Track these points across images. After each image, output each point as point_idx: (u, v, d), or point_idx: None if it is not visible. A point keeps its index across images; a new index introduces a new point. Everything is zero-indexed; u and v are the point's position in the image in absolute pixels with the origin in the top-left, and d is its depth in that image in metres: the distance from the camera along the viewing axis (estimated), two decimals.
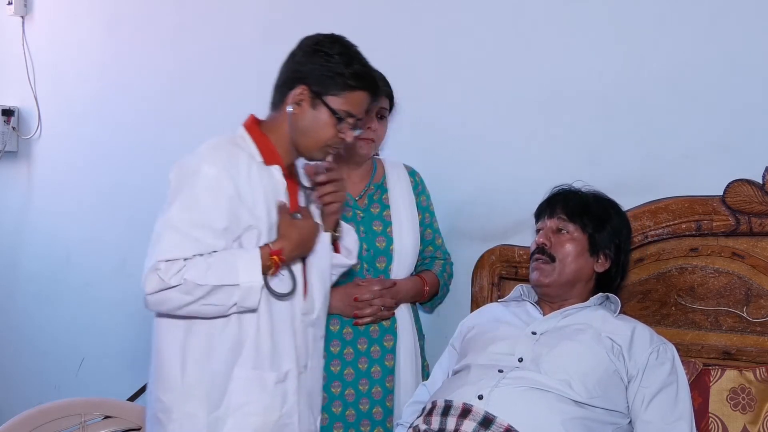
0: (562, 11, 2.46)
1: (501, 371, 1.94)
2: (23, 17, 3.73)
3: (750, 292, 2.14)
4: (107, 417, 2.45)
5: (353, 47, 1.89)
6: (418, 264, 2.44)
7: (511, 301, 2.21)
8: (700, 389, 2.05)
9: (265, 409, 1.84)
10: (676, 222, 2.21)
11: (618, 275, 2.15)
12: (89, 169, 3.57)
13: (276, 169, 1.88)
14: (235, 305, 1.77)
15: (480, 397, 1.89)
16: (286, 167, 1.91)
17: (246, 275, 1.75)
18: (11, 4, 3.71)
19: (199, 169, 1.78)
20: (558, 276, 2.08)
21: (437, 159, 2.64)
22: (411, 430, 1.97)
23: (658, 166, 2.30)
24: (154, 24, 3.40)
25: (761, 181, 2.11)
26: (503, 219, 2.55)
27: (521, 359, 1.96)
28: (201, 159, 1.80)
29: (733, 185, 2.13)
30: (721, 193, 2.15)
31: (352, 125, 1.88)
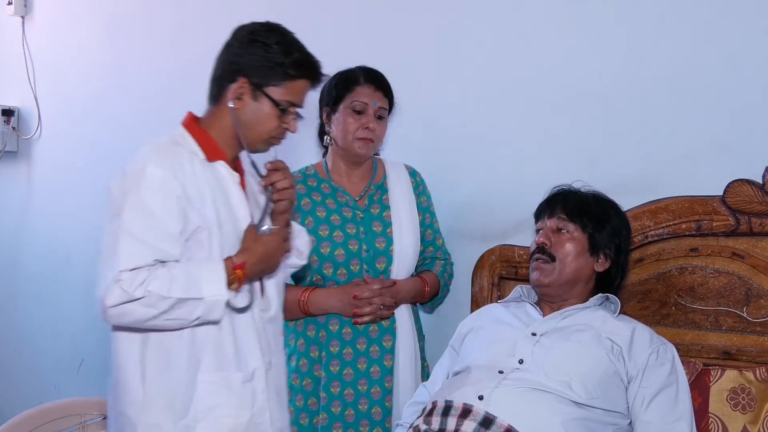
0: (562, 11, 2.46)
1: (501, 372, 1.94)
2: (23, 17, 3.73)
3: (750, 292, 2.14)
4: (107, 417, 2.44)
5: (291, 35, 1.85)
6: (418, 264, 2.44)
7: (511, 302, 2.21)
8: (700, 389, 2.05)
9: (236, 410, 1.80)
10: (676, 222, 2.21)
11: (618, 275, 2.14)
12: (89, 169, 3.56)
13: (221, 165, 1.83)
14: (198, 319, 1.72)
15: (480, 398, 1.88)
16: (230, 161, 1.86)
17: (210, 289, 1.70)
18: (11, 4, 3.71)
19: (144, 172, 1.72)
20: (558, 275, 2.08)
21: (437, 159, 2.64)
22: (411, 430, 1.97)
23: (658, 166, 2.30)
24: (154, 24, 3.40)
25: (761, 181, 2.11)
26: (503, 219, 2.55)
27: (521, 361, 1.96)
28: (144, 162, 1.73)
29: (733, 185, 2.13)
30: (721, 193, 2.15)
31: (295, 115, 1.83)
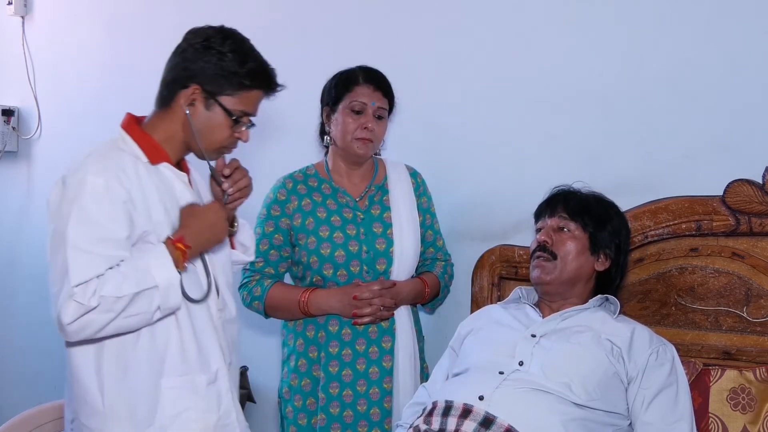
0: (562, 11, 2.46)
1: (502, 373, 1.94)
2: (23, 17, 3.73)
3: (750, 292, 2.14)
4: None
5: (246, 42, 1.81)
6: (418, 265, 2.44)
7: (511, 304, 2.20)
8: (700, 389, 2.05)
9: (203, 413, 1.78)
10: (676, 222, 2.21)
11: (617, 276, 2.14)
12: None
13: (165, 167, 1.79)
14: (159, 309, 1.69)
15: (481, 398, 1.88)
16: (174, 164, 1.82)
17: (161, 273, 1.66)
18: (11, 4, 3.70)
19: (85, 182, 1.66)
20: (559, 274, 2.08)
21: (437, 159, 2.64)
22: (411, 430, 1.97)
23: (658, 166, 2.30)
24: (154, 24, 3.39)
25: (761, 181, 2.11)
26: (503, 219, 2.55)
27: (521, 363, 1.96)
28: (84, 171, 1.68)
29: (733, 185, 2.13)
30: (721, 193, 2.15)
31: (247, 124, 1.81)
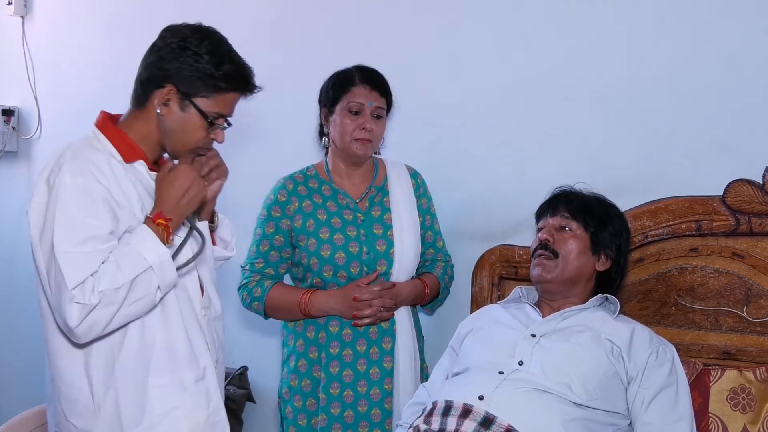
0: (562, 11, 2.46)
1: (501, 373, 1.94)
2: (23, 17, 3.73)
3: (750, 292, 2.14)
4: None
5: (224, 43, 1.80)
6: (418, 266, 2.43)
7: (511, 303, 2.21)
8: (700, 389, 2.05)
9: (192, 411, 1.76)
10: (676, 222, 2.21)
11: (617, 277, 2.15)
12: None
13: (140, 165, 1.78)
14: (159, 289, 1.68)
15: (481, 398, 1.88)
16: (151, 162, 1.80)
17: (150, 253, 1.65)
18: (11, 4, 3.71)
19: (64, 183, 1.65)
20: (560, 272, 2.08)
21: (437, 159, 2.64)
22: (411, 430, 1.97)
23: (658, 166, 2.30)
24: (154, 24, 3.35)
25: (761, 181, 2.11)
26: (503, 219, 2.55)
27: (521, 362, 1.96)
28: (61, 172, 1.66)
29: (733, 185, 2.13)
30: (721, 193, 2.15)
31: (222, 126, 1.79)
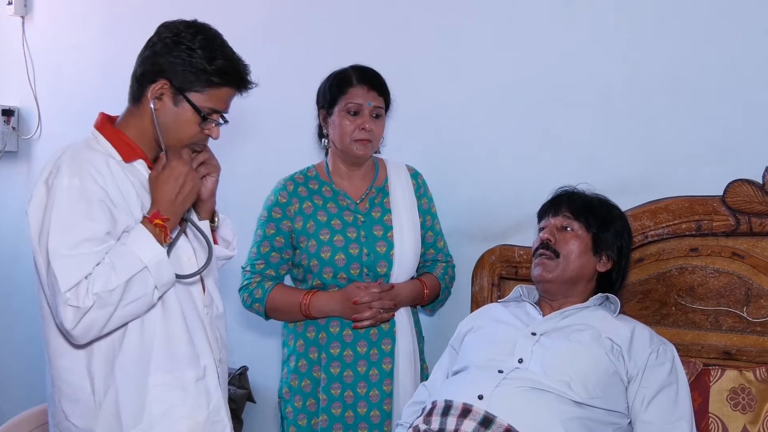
0: (562, 11, 2.46)
1: (501, 372, 1.94)
2: (23, 17, 3.73)
3: (750, 292, 2.14)
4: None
5: (217, 39, 1.79)
6: (419, 266, 2.44)
7: (511, 302, 2.21)
8: (700, 389, 2.05)
9: (192, 411, 1.77)
10: (676, 222, 2.21)
11: (618, 278, 2.15)
12: None
13: (140, 164, 1.78)
14: (156, 288, 1.67)
15: (480, 397, 1.89)
16: (151, 160, 1.80)
17: (146, 253, 1.65)
18: (11, 4, 3.71)
19: (61, 185, 1.66)
20: (562, 272, 2.08)
21: (437, 159, 2.64)
22: (411, 430, 1.97)
23: (658, 166, 2.31)
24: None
25: (761, 181, 2.11)
26: (503, 219, 2.55)
27: (521, 360, 1.96)
28: (59, 174, 1.67)
29: (733, 185, 2.13)
30: (721, 193, 2.15)
31: (217, 121, 1.78)
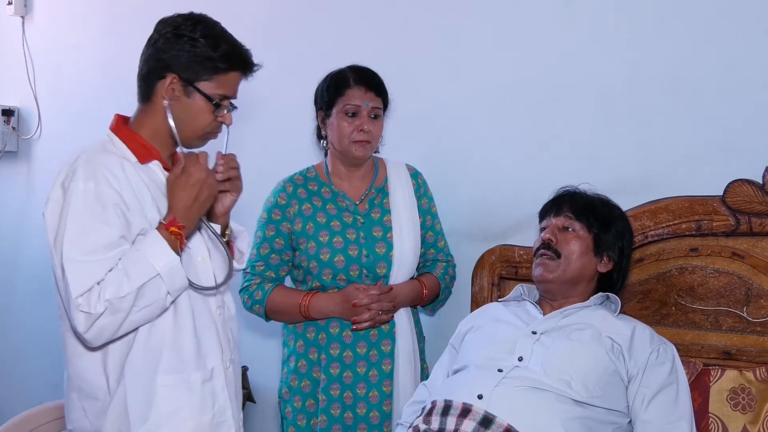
0: (562, 12, 2.46)
1: (501, 371, 1.94)
2: (23, 17, 3.73)
3: (750, 292, 2.14)
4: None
5: (217, 26, 1.81)
6: (419, 266, 2.43)
7: (512, 301, 2.21)
8: (700, 389, 2.05)
9: (197, 411, 1.78)
10: (676, 222, 2.21)
11: (619, 279, 2.15)
12: None
13: (155, 165, 1.80)
14: (169, 294, 1.69)
15: (480, 397, 1.89)
16: (166, 159, 1.83)
17: (159, 261, 1.66)
18: (11, 4, 3.71)
19: (76, 189, 1.68)
20: (562, 272, 2.08)
21: (437, 159, 2.64)
22: (411, 429, 1.97)
23: (658, 166, 2.31)
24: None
25: (761, 181, 2.11)
26: (503, 219, 2.55)
27: (521, 358, 1.96)
28: (74, 177, 1.70)
29: (733, 185, 2.13)
30: (721, 193, 2.15)
31: (228, 107, 1.81)
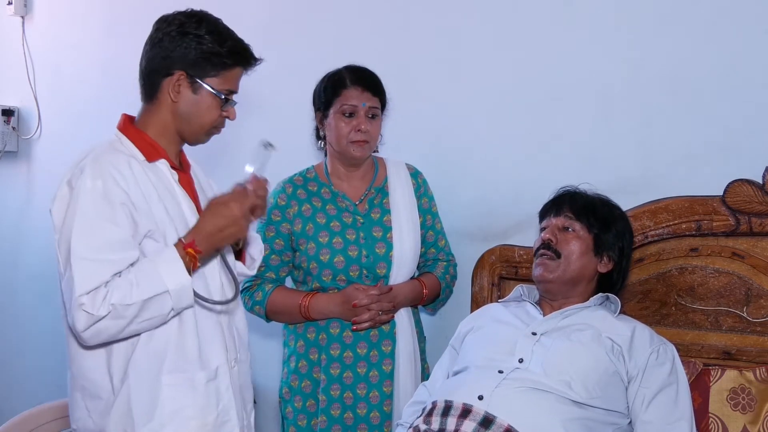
0: (562, 12, 2.46)
1: (501, 372, 1.94)
2: (23, 17, 3.73)
3: (750, 292, 2.14)
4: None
5: (220, 22, 1.83)
6: (420, 265, 2.43)
7: (511, 302, 2.21)
8: (700, 389, 2.05)
9: (201, 411, 1.78)
10: (676, 222, 2.21)
11: (620, 279, 2.15)
12: None
13: (162, 164, 1.81)
14: (172, 310, 1.70)
15: (480, 398, 1.89)
16: (173, 157, 1.84)
17: (172, 279, 1.67)
18: (11, 4, 3.70)
19: (84, 187, 1.68)
20: (562, 272, 2.08)
21: (437, 159, 2.64)
22: (411, 430, 1.97)
23: (658, 166, 2.31)
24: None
25: (761, 181, 2.11)
26: (503, 219, 2.55)
27: (521, 360, 1.96)
28: (82, 176, 1.69)
29: (733, 185, 2.13)
30: (721, 193, 2.15)
31: (232, 102, 1.84)
